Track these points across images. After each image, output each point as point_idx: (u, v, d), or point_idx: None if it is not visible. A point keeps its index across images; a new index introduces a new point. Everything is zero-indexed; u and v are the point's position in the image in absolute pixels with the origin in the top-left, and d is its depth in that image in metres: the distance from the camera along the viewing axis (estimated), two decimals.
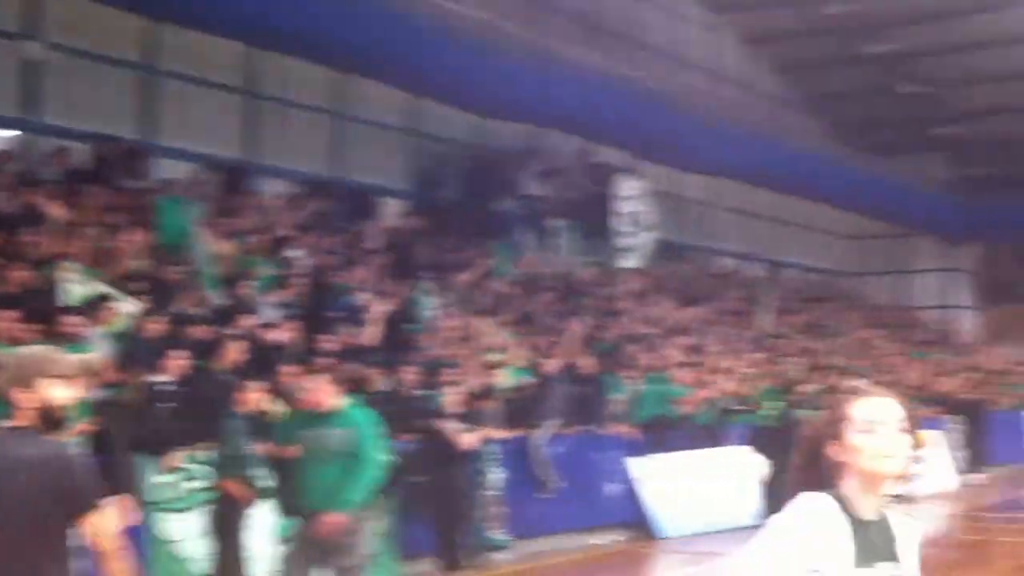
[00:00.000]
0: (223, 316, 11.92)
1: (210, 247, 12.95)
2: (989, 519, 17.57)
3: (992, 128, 32.71)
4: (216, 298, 12.52)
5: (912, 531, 3.20)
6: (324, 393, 7.79)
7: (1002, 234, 33.49)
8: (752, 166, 24.16)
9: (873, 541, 3.09)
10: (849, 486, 3.10)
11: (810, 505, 3.09)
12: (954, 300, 34.82)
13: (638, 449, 15.64)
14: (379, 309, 13.75)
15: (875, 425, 3.09)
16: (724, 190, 27.95)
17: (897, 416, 3.12)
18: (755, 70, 30.46)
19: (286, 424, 8.63)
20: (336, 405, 7.79)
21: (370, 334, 13.27)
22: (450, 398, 11.77)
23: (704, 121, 22.00)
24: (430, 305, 15.18)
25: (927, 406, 23.82)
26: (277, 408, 10.17)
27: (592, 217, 21.22)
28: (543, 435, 13.97)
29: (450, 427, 11.56)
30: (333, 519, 7.52)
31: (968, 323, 34.94)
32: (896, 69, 30.08)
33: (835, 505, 3.09)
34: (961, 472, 23.94)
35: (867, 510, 3.11)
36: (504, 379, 14.29)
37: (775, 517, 3.13)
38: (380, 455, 7.91)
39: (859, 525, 3.09)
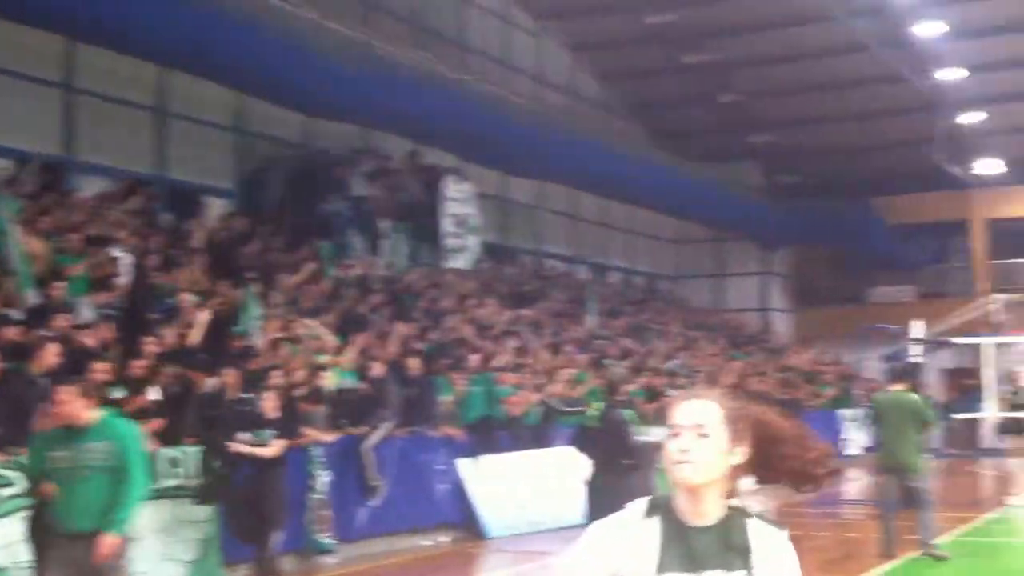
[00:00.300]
0: (38, 317, 11.49)
1: (25, 246, 12.46)
2: (802, 514, 18.15)
3: (803, 137, 33.97)
4: (31, 298, 12.06)
5: (774, 540, 3.11)
6: (77, 406, 7.14)
7: (813, 239, 34.77)
8: (577, 171, 24.53)
9: (698, 548, 3.00)
10: (677, 491, 3.05)
11: (624, 512, 3.06)
12: (769, 303, 36.00)
13: (466, 450, 15.70)
14: (202, 311, 13.44)
15: (676, 428, 3.03)
16: (551, 194, 28.30)
17: (699, 420, 3.02)
18: (581, 76, 30.98)
19: (43, 440, 7.65)
20: (92, 418, 7.20)
21: (193, 336, 12.98)
22: (268, 403, 11.47)
23: (531, 126, 22.20)
24: (255, 307, 14.91)
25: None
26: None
27: (420, 219, 21.21)
28: (375, 438, 13.90)
29: (243, 439, 11.15)
30: (108, 541, 6.99)
31: (782, 325, 36.16)
32: (715, 79, 30.97)
33: (651, 510, 3.04)
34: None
35: (695, 515, 3.04)
36: (331, 381, 14.16)
37: (592, 524, 3.12)
38: (144, 469, 7.39)
39: (680, 531, 3.01)
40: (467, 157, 22.87)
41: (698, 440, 3.01)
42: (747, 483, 3.18)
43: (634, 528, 3.03)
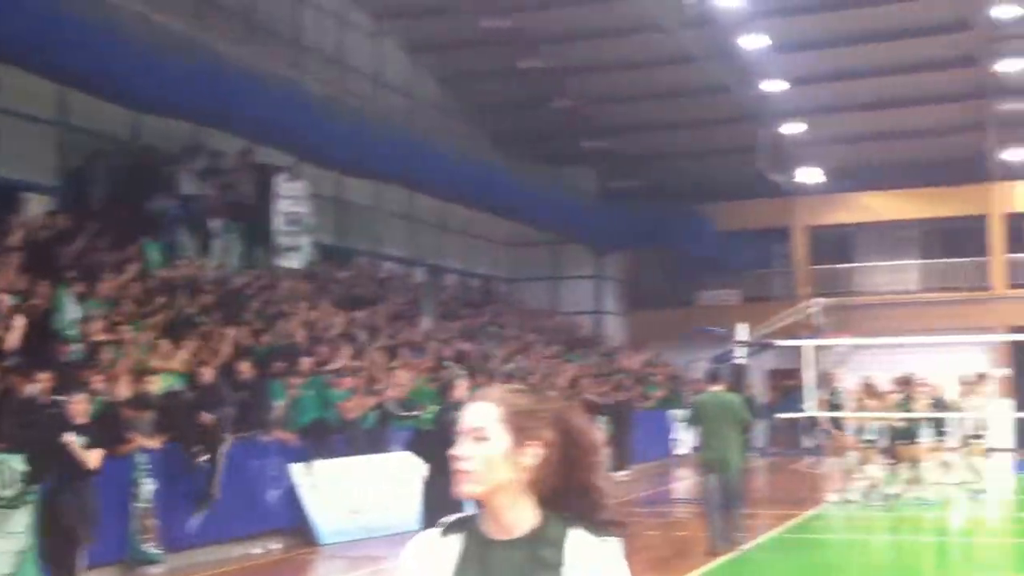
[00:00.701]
0: None
1: None
2: (632, 513, 18.46)
3: (636, 143, 34.59)
4: None
5: (597, 553, 2.83)
6: None
7: (645, 243, 35.40)
8: (414, 173, 24.40)
9: (497, 566, 2.76)
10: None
11: (429, 529, 2.87)
12: (603, 306, 36.51)
13: (299, 455, 15.47)
14: (19, 314, 12.90)
15: (460, 434, 2.84)
16: (388, 195, 28.11)
17: (476, 423, 2.82)
18: (419, 78, 30.88)
19: None
20: None
21: (10, 339, 12.44)
22: (76, 407, 10.84)
23: (367, 126, 22.03)
24: (75, 308, 14.39)
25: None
26: None
27: (253, 219, 20.80)
28: (228, 445, 13.60)
29: (72, 441, 10.61)
30: None
31: (615, 327, 36.72)
32: (550, 84, 31.27)
33: (453, 527, 2.84)
34: (607, 470, 25.10)
35: (499, 529, 2.79)
36: (158, 386, 13.77)
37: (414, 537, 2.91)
38: None
39: (482, 548, 2.78)
40: (302, 157, 22.53)
41: (475, 445, 2.79)
42: None
43: (434, 546, 2.81)
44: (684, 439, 28.59)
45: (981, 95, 30.58)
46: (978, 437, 19.92)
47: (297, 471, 15.34)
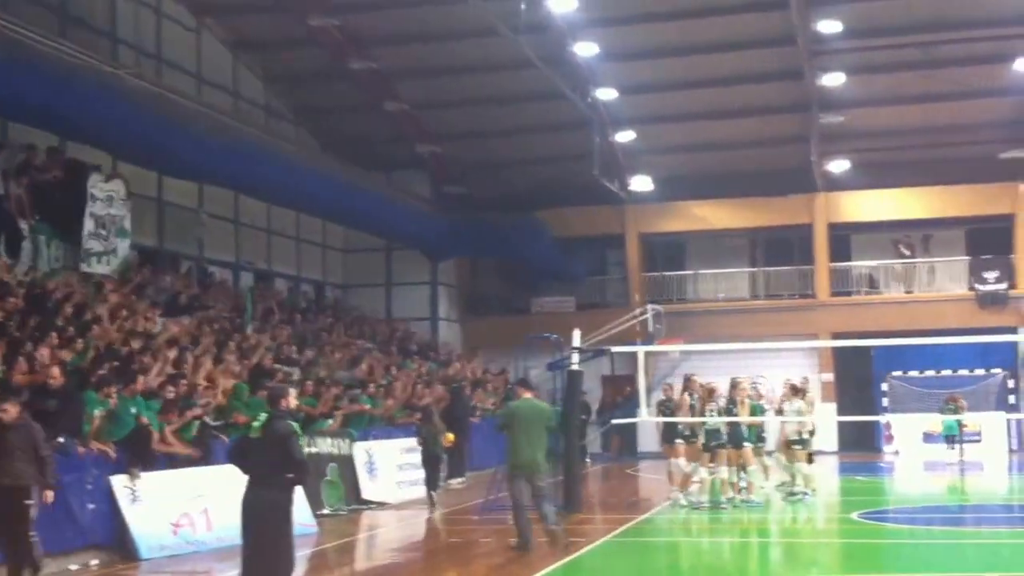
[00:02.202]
0: None
1: None
2: (468, 521, 18.19)
3: (470, 149, 34.39)
4: None
5: None
6: None
7: (480, 250, 35.23)
8: (239, 175, 23.67)
9: None
10: None
11: None
12: (438, 312, 36.14)
13: (118, 467, 14.68)
14: None
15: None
16: (213, 197, 27.22)
17: None
18: (244, 77, 30.00)
19: None
20: None
21: None
22: None
23: (188, 125, 21.21)
24: None
25: (412, 414, 24.47)
26: None
27: (65, 219, 19.74)
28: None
29: None
30: None
31: (451, 334, 36.41)
32: (381, 87, 30.79)
33: None
34: (443, 478, 24.77)
35: None
36: None
37: None
38: None
39: None
40: (118, 155, 21.58)
41: None
42: None
43: None
44: None
45: (806, 108, 31.30)
46: (803, 441, 20.20)
47: (116, 484, 14.56)
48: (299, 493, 13.55)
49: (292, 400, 10.51)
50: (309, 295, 32.20)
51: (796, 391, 20.33)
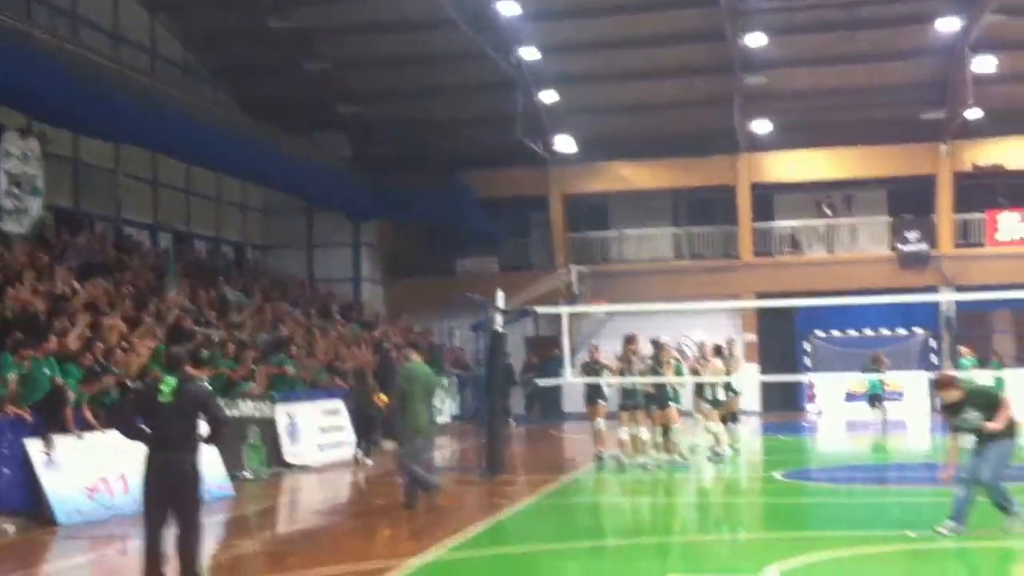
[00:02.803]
0: None
1: None
2: (392, 483, 18.09)
3: (392, 109, 34.03)
4: None
5: None
6: None
7: (402, 211, 34.97)
8: (157, 135, 23.21)
9: None
10: None
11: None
12: (361, 274, 35.87)
13: (35, 431, 14.36)
14: None
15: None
16: (130, 158, 26.67)
17: None
18: (162, 37, 29.38)
19: None
20: None
21: None
22: None
23: (105, 85, 20.73)
24: None
25: (334, 377, 24.30)
26: None
27: None
28: None
29: None
30: None
31: (374, 296, 36.16)
32: (301, 46, 30.34)
33: None
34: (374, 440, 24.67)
35: None
36: None
37: None
38: None
39: None
40: (32, 114, 21.02)
41: None
42: None
43: None
44: (444, 408, 28.46)
45: (728, 69, 31.40)
46: (717, 402, 20.29)
47: (32, 448, 14.24)
48: (214, 455, 13.37)
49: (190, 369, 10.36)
50: (229, 256, 31.74)
51: (721, 352, 20.45)
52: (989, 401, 11.61)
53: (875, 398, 29.33)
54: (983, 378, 24.75)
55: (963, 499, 11.23)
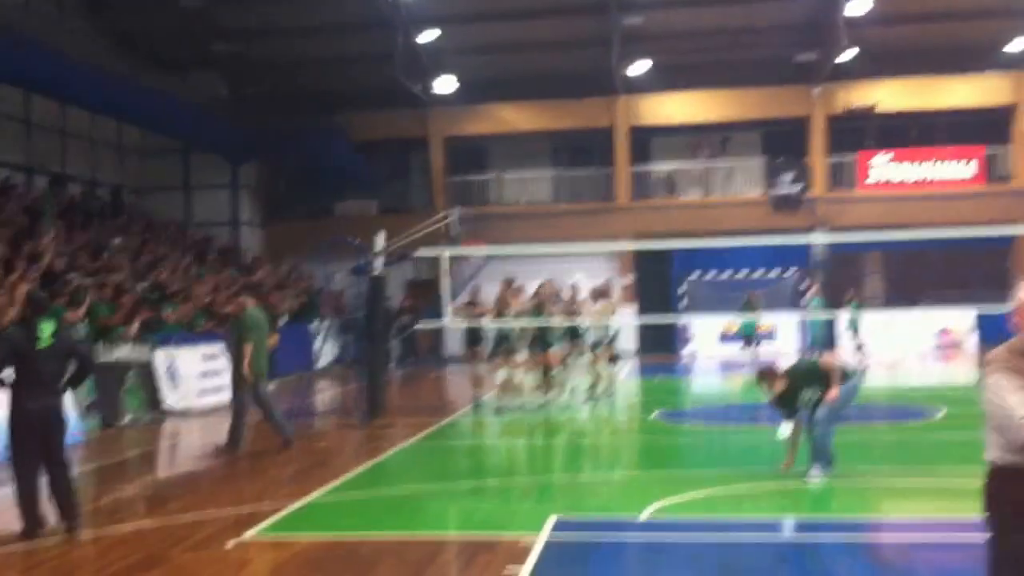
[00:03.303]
0: None
1: None
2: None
3: (267, 48, 33.42)
4: None
5: None
6: None
7: (277, 154, 34.53)
8: (25, 72, 22.53)
9: None
10: None
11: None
12: (239, 217, 35.37)
13: None
14: None
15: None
16: (2, 96, 25.82)
17: None
18: None
19: None
20: None
21: None
22: None
23: None
24: None
25: (214, 322, 24.01)
26: None
27: None
28: None
29: None
30: None
31: (252, 239, 35.72)
32: None
33: None
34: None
35: None
36: None
37: None
38: None
39: None
40: None
41: None
42: None
43: None
44: (325, 351, 28.35)
45: (606, 9, 31.49)
46: (600, 343, 20.61)
47: None
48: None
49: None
50: (104, 199, 31.01)
51: (601, 294, 20.69)
52: (816, 373, 11.59)
53: (748, 339, 30.03)
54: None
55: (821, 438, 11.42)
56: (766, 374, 11.71)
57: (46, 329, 9.67)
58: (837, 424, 11.69)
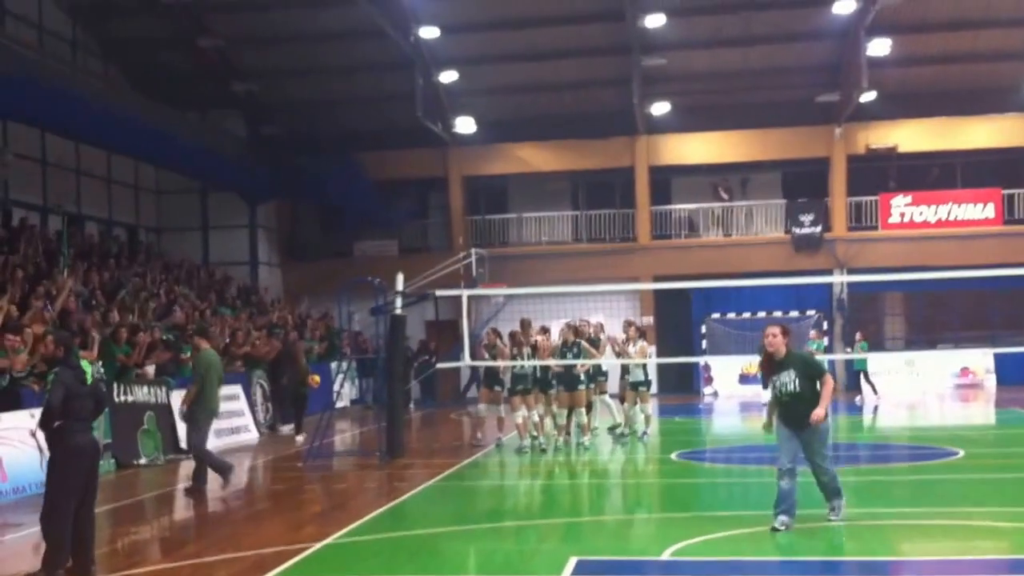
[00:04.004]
0: None
1: None
2: (293, 468, 17.92)
3: (287, 88, 33.53)
4: None
5: None
6: None
7: (298, 193, 34.57)
8: (45, 113, 22.60)
9: None
10: None
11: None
12: (258, 257, 35.33)
13: None
14: None
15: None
16: (18, 136, 25.91)
17: None
18: (47, 10, 28.51)
19: None
20: None
21: None
22: None
23: None
24: None
25: (235, 361, 23.95)
26: None
27: None
28: None
29: None
30: None
31: (271, 279, 35.68)
32: (193, 22, 29.71)
33: None
34: (269, 424, 24.40)
35: None
36: None
37: None
38: None
39: None
40: None
41: None
42: None
43: None
44: (345, 392, 28.21)
45: (627, 50, 31.51)
46: (648, 383, 20.56)
47: None
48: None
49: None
50: (121, 239, 31.03)
51: (633, 334, 20.52)
52: (809, 368, 11.40)
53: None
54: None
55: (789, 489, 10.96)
56: (787, 330, 11.65)
57: (86, 367, 9.92)
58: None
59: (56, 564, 9.48)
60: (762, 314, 34.19)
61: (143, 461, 18.35)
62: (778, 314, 34.13)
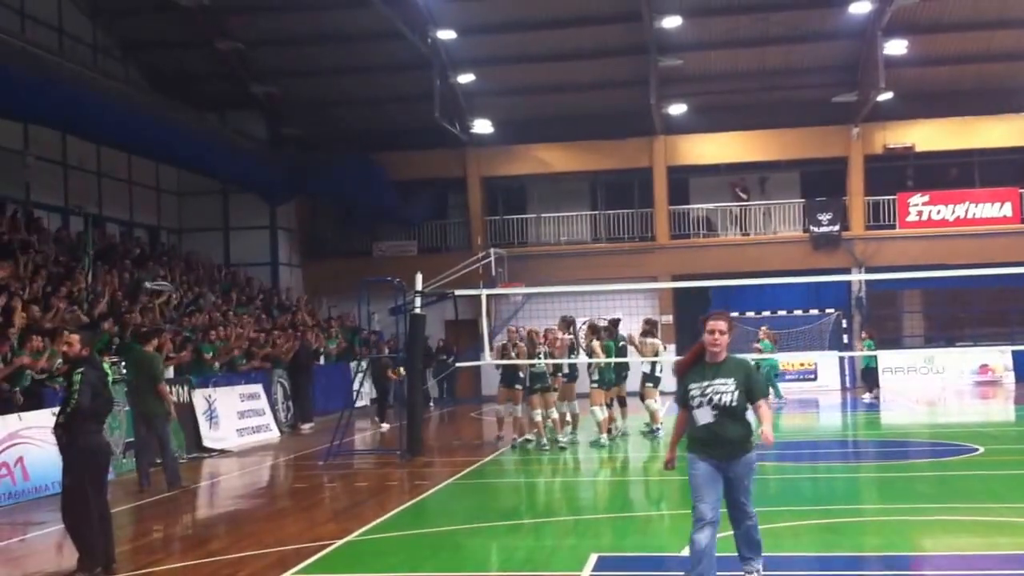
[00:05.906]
0: None
1: None
2: (313, 467, 18.03)
3: (306, 89, 33.65)
4: None
5: None
6: None
7: (317, 193, 34.69)
8: (66, 115, 22.73)
9: None
10: None
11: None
12: (279, 257, 35.47)
13: None
14: None
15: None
16: (39, 139, 26.10)
17: None
18: (68, 13, 28.68)
19: None
20: None
21: None
22: None
23: (10, 63, 20.25)
24: None
25: (256, 360, 24.09)
26: None
27: None
28: None
29: None
30: None
31: (291, 279, 35.83)
32: (212, 24, 29.84)
33: None
34: (289, 423, 24.52)
35: None
36: None
37: None
38: None
39: None
40: None
41: None
42: None
43: None
44: (364, 391, 28.35)
45: (644, 50, 31.52)
46: (656, 379, 20.58)
47: None
48: None
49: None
50: (143, 240, 31.21)
51: (648, 332, 20.55)
52: (748, 379, 8.38)
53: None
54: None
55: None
56: (732, 326, 8.77)
57: (106, 364, 10.08)
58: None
59: (92, 563, 9.60)
60: (782, 312, 34.21)
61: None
62: (798, 312, 34.17)
